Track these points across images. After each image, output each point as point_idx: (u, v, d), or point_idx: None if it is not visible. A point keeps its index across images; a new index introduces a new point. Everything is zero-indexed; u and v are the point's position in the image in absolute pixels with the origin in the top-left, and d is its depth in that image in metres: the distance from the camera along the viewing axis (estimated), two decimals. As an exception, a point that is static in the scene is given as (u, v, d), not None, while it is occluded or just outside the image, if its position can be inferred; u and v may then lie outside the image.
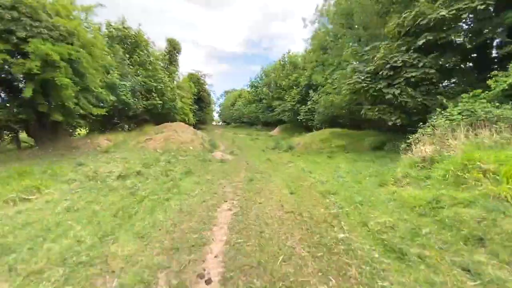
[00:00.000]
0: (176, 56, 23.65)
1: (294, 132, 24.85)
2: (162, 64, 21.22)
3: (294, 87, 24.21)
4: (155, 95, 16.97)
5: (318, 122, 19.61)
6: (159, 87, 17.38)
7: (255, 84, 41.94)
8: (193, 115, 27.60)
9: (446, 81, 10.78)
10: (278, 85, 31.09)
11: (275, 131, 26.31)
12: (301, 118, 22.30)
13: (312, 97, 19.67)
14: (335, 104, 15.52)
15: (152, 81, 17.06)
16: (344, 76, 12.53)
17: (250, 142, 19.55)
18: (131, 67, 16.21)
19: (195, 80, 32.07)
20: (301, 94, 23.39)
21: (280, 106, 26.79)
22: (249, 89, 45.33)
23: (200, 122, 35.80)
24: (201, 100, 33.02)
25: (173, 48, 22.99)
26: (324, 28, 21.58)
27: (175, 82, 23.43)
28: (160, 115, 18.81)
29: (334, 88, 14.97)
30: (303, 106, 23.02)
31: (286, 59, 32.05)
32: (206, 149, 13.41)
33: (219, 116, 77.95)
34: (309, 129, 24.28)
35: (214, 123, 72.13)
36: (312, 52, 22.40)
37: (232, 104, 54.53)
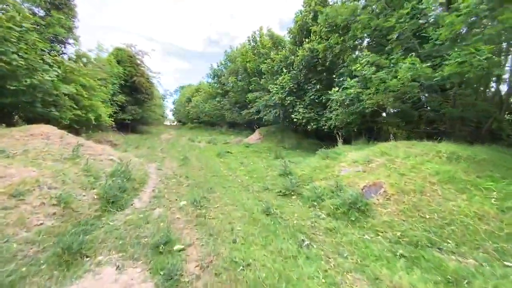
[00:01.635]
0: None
1: (285, 140, 16.15)
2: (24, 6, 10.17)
3: (284, 70, 15.56)
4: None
5: (339, 124, 11.23)
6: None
7: (218, 73, 32.11)
8: (115, 111, 16.64)
9: None
10: (250, 71, 22.11)
11: (255, 138, 17.24)
12: (299, 118, 13.82)
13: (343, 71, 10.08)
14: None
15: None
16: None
17: (217, 163, 10.13)
18: None
19: (126, 58, 20.86)
20: (296, 81, 14.88)
21: (260, 100, 17.84)
22: (210, 80, 35.16)
23: (139, 122, 24.52)
24: (137, 90, 21.90)
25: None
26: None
27: (65, 49, 12.46)
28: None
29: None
30: (299, 101, 14.56)
31: (258, 37, 23.30)
32: (77, 220, 3.68)
33: (173, 115, 65.80)
34: (307, 134, 15.99)
35: (168, 123, 59.31)
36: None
37: (188, 100, 43.31)
